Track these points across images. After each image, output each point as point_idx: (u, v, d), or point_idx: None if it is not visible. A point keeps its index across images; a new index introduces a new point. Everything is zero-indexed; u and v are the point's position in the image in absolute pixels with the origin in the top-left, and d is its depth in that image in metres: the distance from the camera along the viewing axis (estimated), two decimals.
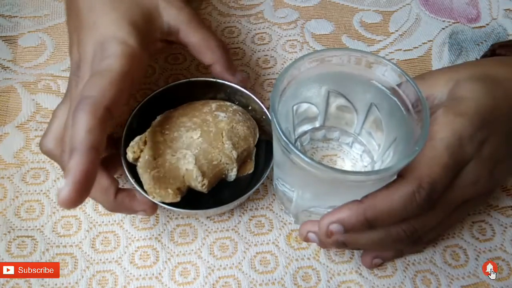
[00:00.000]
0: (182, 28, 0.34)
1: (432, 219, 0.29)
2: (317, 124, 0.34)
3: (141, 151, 0.32)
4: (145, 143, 0.33)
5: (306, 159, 0.24)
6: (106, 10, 0.31)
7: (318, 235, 0.29)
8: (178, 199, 0.31)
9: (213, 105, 0.35)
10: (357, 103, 0.32)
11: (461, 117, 0.28)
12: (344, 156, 0.35)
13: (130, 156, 0.32)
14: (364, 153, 0.34)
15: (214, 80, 0.37)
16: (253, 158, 0.35)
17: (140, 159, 0.32)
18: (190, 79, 0.37)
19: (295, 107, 0.31)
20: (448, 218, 0.30)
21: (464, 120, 0.28)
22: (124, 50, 0.29)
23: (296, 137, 0.33)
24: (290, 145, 0.25)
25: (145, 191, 0.31)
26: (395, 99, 0.29)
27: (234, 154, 0.33)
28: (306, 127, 0.34)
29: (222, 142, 0.32)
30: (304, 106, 0.32)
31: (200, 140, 0.32)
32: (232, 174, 0.33)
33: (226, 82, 0.36)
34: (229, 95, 0.37)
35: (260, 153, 0.36)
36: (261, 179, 0.33)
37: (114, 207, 0.31)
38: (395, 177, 0.27)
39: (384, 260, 0.34)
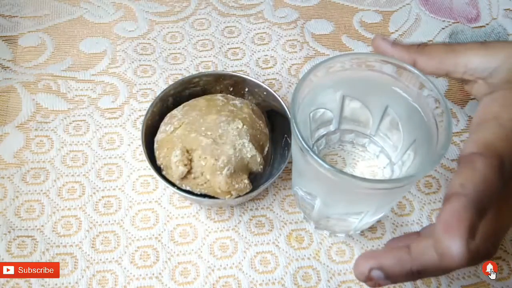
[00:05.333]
0: None
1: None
2: (332, 128, 0.34)
3: (191, 160, 0.32)
4: (188, 152, 0.32)
5: (333, 169, 0.24)
6: None
7: (385, 271, 0.25)
8: (251, 186, 0.32)
9: (219, 97, 0.36)
10: (372, 106, 0.32)
11: None
12: (359, 158, 0.35)
13: (182, 170, 0.31)
14: (381, 153, 0.33)
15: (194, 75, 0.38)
16: None
17: (196, 168, 0.32)
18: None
19: (311, 114, 0.32)
20: None
21: None
22: None
23: (313, 142, 0.33)
24: (315, 156, 0.25)
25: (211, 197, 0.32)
26: (411, 99, 0.29)
27: (267, 130, 0.35)
28: (321, 131, 0.34)
29: (258, 124, 0.34)
30: (320, 111, 0.32)
31: (245, 128, 0.33)
32: (266, 149, 0.35)
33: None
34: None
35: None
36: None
37: None
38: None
39: None
